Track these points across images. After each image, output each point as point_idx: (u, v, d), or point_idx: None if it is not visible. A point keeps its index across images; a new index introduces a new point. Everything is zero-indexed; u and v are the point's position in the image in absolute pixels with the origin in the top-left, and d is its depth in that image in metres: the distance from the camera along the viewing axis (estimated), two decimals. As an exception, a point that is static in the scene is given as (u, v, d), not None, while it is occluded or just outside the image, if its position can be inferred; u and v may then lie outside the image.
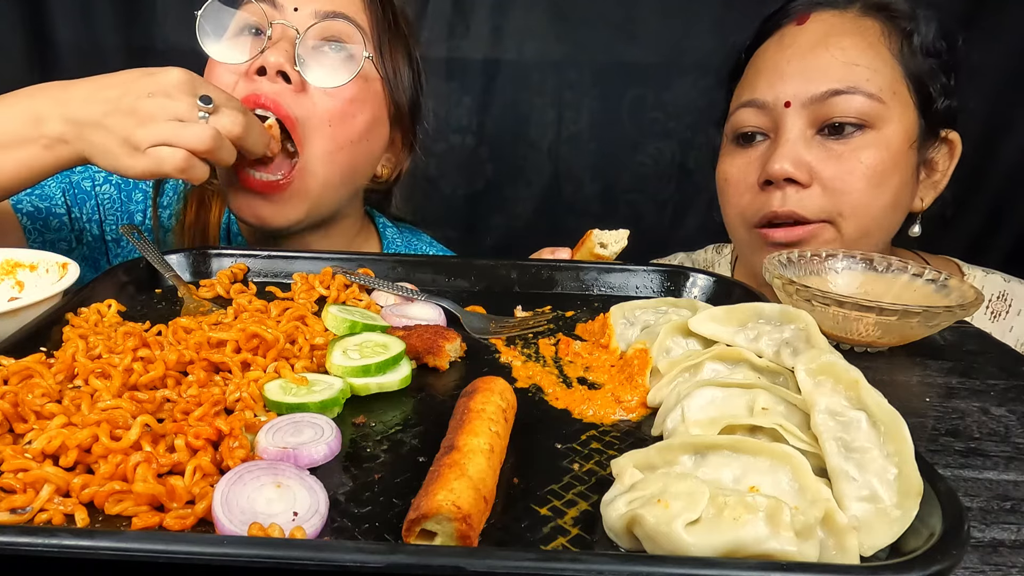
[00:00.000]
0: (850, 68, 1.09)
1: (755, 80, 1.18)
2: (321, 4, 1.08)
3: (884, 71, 1.10)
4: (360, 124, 1.13)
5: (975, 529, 0.56)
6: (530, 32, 1.66)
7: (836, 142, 1.10)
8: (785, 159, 1.10)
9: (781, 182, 1.11)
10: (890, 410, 0.55)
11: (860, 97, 1.08)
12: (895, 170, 1.11)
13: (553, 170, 1.77)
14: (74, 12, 1.62)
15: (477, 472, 0.52)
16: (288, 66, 1.05)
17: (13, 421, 0.60)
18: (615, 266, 1.01)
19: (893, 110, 1.10)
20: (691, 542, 0.46)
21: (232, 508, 0.50)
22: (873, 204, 1.11)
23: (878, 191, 1.11)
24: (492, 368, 0.77)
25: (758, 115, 1.16)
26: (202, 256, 1.02)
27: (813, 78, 1.10)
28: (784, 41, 1.17)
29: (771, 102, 1.14)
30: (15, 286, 0.89)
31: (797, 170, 1.10)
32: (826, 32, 1.13)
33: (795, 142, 1.11)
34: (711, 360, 0.69)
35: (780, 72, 1.14)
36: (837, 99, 1.09)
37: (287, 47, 1.06)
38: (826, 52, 1.11)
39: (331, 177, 1.13)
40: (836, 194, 1.10)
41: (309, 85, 1.08)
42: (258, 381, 0.68)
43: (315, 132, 1.09)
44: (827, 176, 1.10)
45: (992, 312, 1.23)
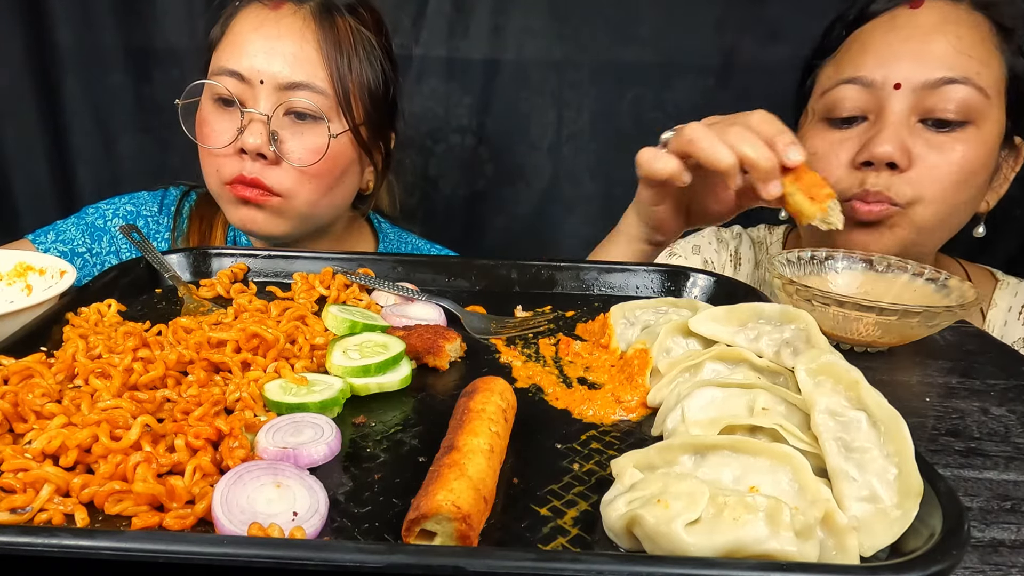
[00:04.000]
0: (964, 58, 1.07)
1: (861, 57, 1.14)
2: (282, 73, 1.16)
3: (992, 67, 1.09)
4: (336, 173, 1.24)
5: (975, 529, 0.56)
6: (530, 32, 1.66)
7: (938, 133, 1.09)
8: (890, 142, 1.08)
9: (881, 165, 1.10)
10: (890, 410, 0.55)
11: (970, 89, 1.07)
12: (983, 169, 1.11)
13: (553, 170, 1.77)
14: (74, 12, 1.62)
15: (477, 472, 0.52)
16: (265, 148, 1.16)
17: (13, 421, 0.60)
18: (615, 266, 1.01)
19: (994, 108, 1.09)
20: (691, 542, 0.46)
21: (232, 508, 0.50)
22: (955, 198, 1.11)
23: (964, 187, 1.10)
24: (492, 368, 0.77)
25: (861, 93, 1.13)
26: (202, 256, 1.02)
27: (927, 62, 1.08)
28: (897, 22, 1.14)
29: (879, 81, 1.11)
30: (24, 289, 0.90)
31: (901, 155, 1.08)
32: (943, 19, 1.10)
33: (900, 126, 1.09)
34: (711, 360, 0.69)
35: (893, 52, 1.11)
36: (948, 88, 1.07)
37: (261, 128, 1.16)
38: (943, 38, 1.08)
39: (315, 212, 1.26)
40: (926, 182, 1.09)
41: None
42: (258, 381, 0.68)
43: (296, 190, 1.20)
44: (922, 163, 1.09)
45: None
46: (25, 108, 1.67)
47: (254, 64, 1.15)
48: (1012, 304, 1.27)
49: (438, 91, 1.70)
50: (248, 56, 1.16)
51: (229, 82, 1.17)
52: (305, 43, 1.17)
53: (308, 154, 1.18)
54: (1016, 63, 1.11)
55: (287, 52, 1.16)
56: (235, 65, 1.16)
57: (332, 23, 1.19)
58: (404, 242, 1.49)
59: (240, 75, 1.16)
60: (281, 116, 1.17)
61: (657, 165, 0.97)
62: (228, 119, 1.18)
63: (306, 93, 1.16)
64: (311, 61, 1.17)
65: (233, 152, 1.18)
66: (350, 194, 1.31)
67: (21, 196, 1.74)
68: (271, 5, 1.19)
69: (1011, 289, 1.28)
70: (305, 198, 1.21)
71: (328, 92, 1.18)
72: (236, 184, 1.19)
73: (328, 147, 1.18)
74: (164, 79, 1.66)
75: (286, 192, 1.20)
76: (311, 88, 1.17)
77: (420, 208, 1.80)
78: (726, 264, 1.45)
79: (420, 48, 1.67)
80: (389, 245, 1.48)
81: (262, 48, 1.16)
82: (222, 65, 1.17)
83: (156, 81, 1.68)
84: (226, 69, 1.17)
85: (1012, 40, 1.11)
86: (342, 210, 1.33)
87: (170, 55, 1.65)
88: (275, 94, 1.16)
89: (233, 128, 1.17)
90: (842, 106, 1.15)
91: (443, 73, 1.69)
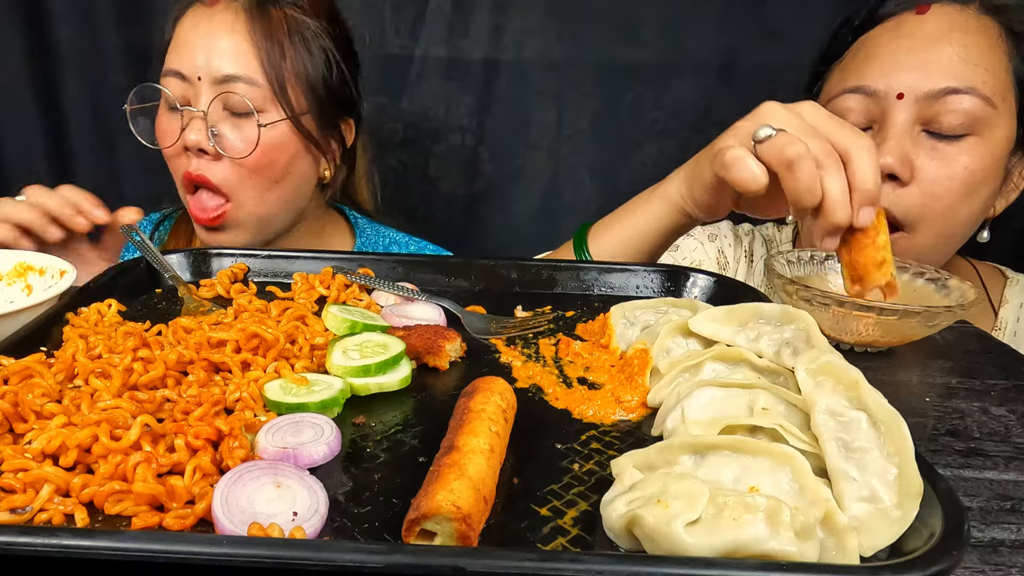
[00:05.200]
0: (969, 67, 1.05)
1: (866, 66, 1.12)
2: (216, 68, 1.18)
3: (999, 74, 1.07)
4: (279, 165, 1.25)
5: (975, 529, 0.56)
6: (530, 32, 1.66)
7: (943, 142, 1.07)
8: (892, 153, 1.06)
9: (883, 176, 1.06)
10: (890, 410, 0.55)
11: (975, 98, 1.05)
12: (991, 179, 1.09)
13: (553, 170, 1.77)
14: (74, 12, 1.62)
15: (477, 472, 0.52)
16: (204, 143, 1.19)
17: (13, 421, 0.60)
18: (615, 266, 1.01)
19: (1002, 116, 1.07)
20: (691, 542, 0.46)
21: (232, 508, 0.50)
22: (961, 211, 1.09)
23: (971, 199, 1.08)
24: (492, 368, 0.77)
25: (865, 103, 1.11)
26: (202, 256, 1.02)
27: (931, 72, 1.06)
28: (903, 29, 1.11)
29: (882, 91, 1.09)
30: (24, 289, 0.90)
31: (902, 167, 1.06)
32: (948, 27, 1.08)
33: (902, 136, 1.07)
34: (711, 360, 0.69)
35: (897, 61, 1.09)
36: (952, 98, 1.05)
37: (200, 125, 1.19)
38: (948, 47, 1.06)
39: (267, 211, 1.27)
40: (931, 197, 1.07)
41: None
42: (258, 381, 0.68)
43: (241, 185, 1.23)
44: (927, 176, 1.07)
45: None
46: (25, 108, 1.67)
47: (191, 61, 1.19)
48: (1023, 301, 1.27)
49: (438, 91, 1.70)
50: (187, 55, 1.19)
51: (173, 83, 1.20)
52: (236, 35, 1.19)
53: (245, 146, 1.20)
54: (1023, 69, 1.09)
55: (220, 47, 1.18)
56: (177, 65, 1.20)
57: (265, 14, 1.21)
58: (382, 236, 1.50)
59: (181, 74, 1.19)
60: (220, 111, 1.19)
61: (744, 175, 0.85)
62: (175, 120, 1.21)
63: (239, 86, 1.18)
64: (243, 52, 1.19)
65: (181, 151, 1.22)
66: (302, 187, 1.31)
67: (21, 196, 1.74)
68: (207, 2, 1.22)
69: (1021, 286, 1.27)
70: (252, 195, 1.24)
71: (261, 83, 1.19)
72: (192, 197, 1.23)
73: (259, 137, 1.19)
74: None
75: (231, 189, 1.22)
76: (243, 80, 1.18)
77: (420, 208, 1.80)
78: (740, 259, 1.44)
79: (420, 48, 1.67)
80: (367, 240, 1.48)
81: (199, 46, 1.19)
82: (167, 67, 1.22)
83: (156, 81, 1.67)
84: (170, 70, 1.21)
85: (1022, 46, 1.09)
86: (300, 204, 1.33)
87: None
88: (211, 89, 1.18)
89: (178, 126, 1.20)
90: (846, 116, 1.12)
91: (443, 73, 1.69)
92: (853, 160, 0.82)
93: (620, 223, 1.10)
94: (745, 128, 0.89)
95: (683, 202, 1.03)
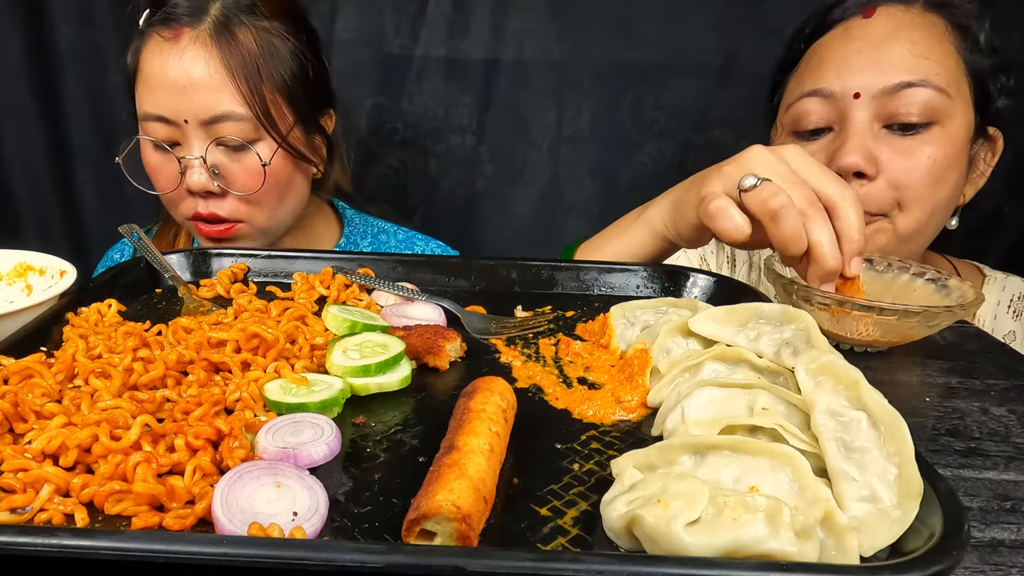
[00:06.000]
0: (920, 61, 1.08)
1: (820, 70, 1.16)
2: (201, 109, 1.16)
3: (950, 66, 1.10)
4: (282, 185, 1.26)
5: (975, 529, 0.56)
6: (530, 32, 1.66)
7: (904, 137, 1.10)
8: (855, 152, 1.08)
9: (849, 175, 1.10)
10: (890, 410, 0.55)
11: (930, 90, 1.07)
12: (956, 165, 1.12)
13: (553, 170, 1.76)
14: (74, 12, 1.62)
15: (477, 472, 0.52)
16: (210, 185, 1.19)
17: (13, 421, 0.60)
18: (615, 266, 1.01)
19: (957, 105, 1.10)
20: (691, 542, 0.46)
21: (232, 508, 0.50)
22: (933, 199, 1.11)
23: (940, 186, 1.11)
24: (492, 368, 0.77)
25: (823, 105, 1.14)
26: (202, 256, 1.02)
27: (884, 70, 1.09)
28: (851, 33, 1.15)
29: (839, 92, 1.12)
30: (24, 289, 0.90)
31: (867, 164, 1.08)
32: (896, 26, 1.12)
33: (863, 135, 1.10)
34: (711, 360, 0.69)
35: (849, 63, 1.12)
36: (907, 92, 1.08)
37: (200, 168, 1.18)
38: (897, 44, 1.10)
39: (275, 223, 1.30)
40: (900, 188, 1.10)
41: None
42: (258, 381, 0.68)
43: (251, 211, 1.24)
44: (893, 170, 1.09)
45: (1015, 311, 1.25)
46: (25, 108, 1.67)
47: (173, 106, 1.16)
48: (1000, 298, 1.28)
49: (438, 91, 1.70)
50: (165, 99, 1.17)
51: (158, 128, 1.19)
52: (211, 70, 1.15)
53: (250, 180, 1.21)
54: (976, 60, 1.12)
55: (200, 85, 1.15)
56: (157, 109, 1.18)
57: (231, 37, 1.17)
58: (370, 225, 1.50)
59: (165, 119, 1.17)
60: (214, 148, 1.19)
61: (728, 225, 0.86)
62: (169, 161, 1.20)
63: (228, 125, 1.17)
64: (224, 87, 1.16)
65: (184, 192, 1.22)
66: (302, 193, 1.33)
67: (21, 196, 1.74)
68: (169, 37, 1.16)
69: (998, 284, 1.29)
70: (263, 216, 1.26)
71: (248, 116, 1.17)
72: (199, 222, 1.23)
73: (265, 169, 1.20)
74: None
75: (244, 216, 1.24)
76: (232, 117, 1.17)
77: (420, 208, 1.80)
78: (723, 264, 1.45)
79: (420, 48, 1.66)
80: (354, 230, 1.48)
81: (175, 88, 1.15)
82: (146, 111, 1.19)
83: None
84: (151, 115, 1.19)
85: (969, 38, 1.12)
86: (301, 207, 1.35)
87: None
88: (201, 130, 1.17)
89: (175, 170, 1.20)
90: (807, 119, 1.16)
91: (443, 73, 1.69)
92: (840, 211, 0.83)
93: (607, 245, 1.14)
94: (730, 174, 0.89)
95: (667, 232, 1.06)
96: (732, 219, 0.86)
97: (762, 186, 0.84)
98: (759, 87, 1.40)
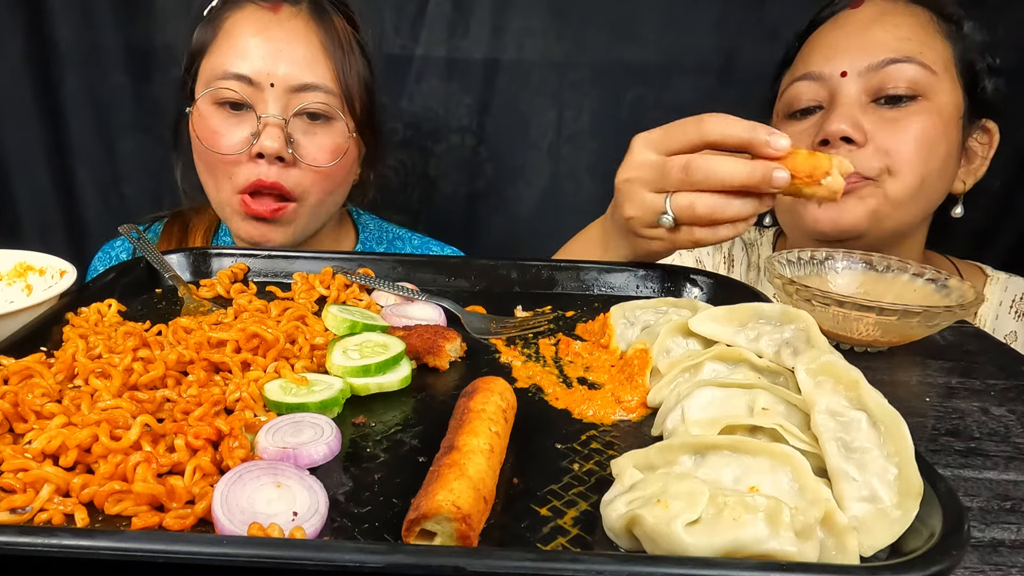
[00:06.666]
0: (904, 42, 1.14)
1: (810, 56, 1.22)
2: (292, 75, 1.16)
3: (935, 47, 1.15)
4: (343, 171, 1.27)
5: (975, 529, 0.56)
6: (530, 32, 1.66)
7: (890, 109, 1.14)
8: (842, 119, 1.13)
9: (837, 141, 1.14)
10: (890, 410, 0.55)
11: (914, 66, 1.12)
12: (944, 138, 1.15)
13: (553, 170, 1.76)
14: (74, 12, 1.62)
15: (477, 472, 0.52)
16: (284, 152, 1.16)
17: (13, 421, 0.60)
18: (615, 266, 1.01)
19: (944, 83, 1.14)
20: (691, 542, 0.46)
21: (232, 508, 0.50)
22: (922, 166, 1.14)
23: (928, 154, 1.14)
24: (492, 368, 0.77)
25: (814, 87, 1.20)
26: (202, 256, 1.02)
27: (869, 49, 1.15)
28: (839, 22, 1.21)
29: (827, 74, 1.17)
30: (24, 289, 0.90)
31: (854, 129, 1.12)
32: (880, 12, 1.18)
33: (851, 106, 1.15)
34: (711, 360, 0.69)
35: (837, 47, 1.18)
36: (892, 68, 1.12)
37: (278, 132, 1.15)
38: (881, 28, 1.16)
39: (323, 210, 1.28)
40: (889, 154, 1.13)
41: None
42: (258, 381, 0.68)
43: (309, 191, 1.22)
44: (881, 137, 1.13)
45: (1017, 312, 1.27)
46: (25, 108, 1.66)
47: (263, 67, 1.15)
48: (1002, 299, 1.29)
49: (438, 91, 1.70)
50: (255, 59, 1.16)
51: (235, 86, 1.16)
52: (311, 44, 1.18)
53: (324, 154, 1.19)
54: (961, 46, 1.16)
55: (296, 54, 1.17)
56: (241, 69, 1.16)
57: (330, 23, 1.21)
58: (384, 231, 1.50)
59: (248, 79, 1.15)
60: (293, 118, 1.17)
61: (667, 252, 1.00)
62: (238, 124, 1.17)
63: (317, 94, 1.17)
64: (319, 62, 1.18)
65: (247, 158, 1.17)
66: (345, 194, 1.34)
67: (21, 196, 1.74)
68: (269, 7, 1.19)
69: (1001, 284, 1.30)
70: (317, 198, 1.23)
71: (336, 92, 1.20)
72: (250, 197, 1.18)
73: (347, 146, 1.21)
74: (164, 79, 1.65)
75: (302, 195, 1.20)
76: (322, 89, 1.18)
77: (420, 208, 1.80)
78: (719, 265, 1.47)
79: (420, 48, 1.66)
80: (370, 236, 1.48)
81: (269, 51, 1.16)
82: (227, 69, 1.16)
83: (156, 81, 1.67)
84: (232, 73, 1.16)
85: (954, 27, 1.16)
86: (337, 209, 1.35)
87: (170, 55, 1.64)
88: (285, 96, 1.16)
89: (245, 133, 1.16)
90: (799, 100, 1.22)
91: (443, 73, 1.69)
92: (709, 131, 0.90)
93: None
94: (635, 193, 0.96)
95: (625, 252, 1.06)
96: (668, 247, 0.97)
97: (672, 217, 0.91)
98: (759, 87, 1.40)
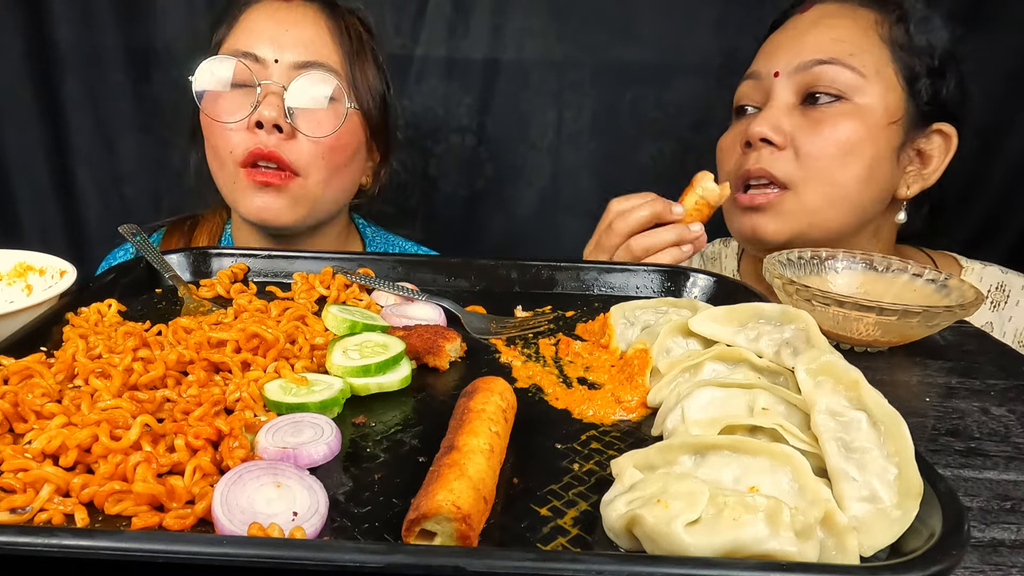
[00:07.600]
0: (836, 43, 1.16)
1: (756, 57, 1.27)
2: (298, 53, 1.20)
3: (871, 51, 1.16)
4: (348, 151, 1.26)
5: (975, 529, 0.56)
6: (530, 32, 1.66)
7: (815, 110, 1.16)
8: (764, 122, 1.17)
9: (758, 143, 1.18)
10: (890, 410, 0.55)
11: (841, 68, 1.14)
12: (869, 143, 1.15)
13: (553, 170, 1.77)
14: (74, 12, 1.62)
15: (477, 472, 0.52)
16: (281, 120, 1.17)
17: (13, 421, 0.60)
18: (615, 266, 1.01)
19: (874, 87, 1.15)
20: (691, 542, 0.46)
21: (232, 508, 0.50)
22: (841, 173, 1.15)
23: (848, 159, 1.15)
24: (492, 368, 0.77)
25: (753, 88, 1.25)
26: (202, 256, 1.02)
27: (801, 51, 1.18)
28: (787, 25, 1.26)
29: (764, 73, 1.22)
30: (24, 289, 0.90)
31: (773, 132, 1.16)
32: (821, 16, 1.21)
33: (778, 108, 1.18)
34: (711, 360, 0.69)
35: (776, 47, 1.23)
36: (818, 68, 1.15)
37: (277, 101, 1.17)
38: (817, 30, 1.19)
39: (326, 194, 1.26)
40: (807, 159, 1.16)
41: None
42: (258, 381, 0.68)
43: (311, 166, 1.21)
44: (801, 141, 1.16)
45: (992, 302, 1.27)
46: (25, 108, 1.66)
47: (269, 46, 1.19)
48: None
49: (438, 91, 1.70)
50: (263, 40, 1.19)
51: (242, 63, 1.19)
52: (319, 29, 1.22)
53: (322, 127, 1.20)
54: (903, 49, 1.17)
55: (302, 36, 1.20)
56: (249, 47, 1.19)
57: (341, 17, 1.25)
58: (390, 243, 1.50)
59: (254, 56, 1.18)
60: (296, 99, 1.19)
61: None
62: (241, 96, 1.19)
63: (320, 71, 1.19)
64: (325, 45, 1.22)
65: (247, 127, 1.18)
66: (354, 183, 1.33)
67: (21, 196, 1.74)
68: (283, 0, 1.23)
69: (975, 274, 1.30)
70: (319, 176, 1.22)
71: (340, 73, 1.22)
72: (252, 166, 1.19)
73: (345, 118, 1.21)
74: (164, 79, 1.66)
75: (303, 168, 1.20)
76: (324, 67, 1.20)
77: (420, 208, 1.80)
78: None
79: (420, 48, 1.67)
80: (375, 248, 1.48)
81: (276, 32, 1.19)
82: (236, 48, 1.20)
83: (156, 81, 1.67)
84: (239, 51, 1.19)
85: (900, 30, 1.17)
86: (346, 199, 1.35)
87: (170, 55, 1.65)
88: (289, 72, 1.19)
89: (247, 104, 1.18)
90: (739, 100, 1.28)
91: (443, 73, 1.69)
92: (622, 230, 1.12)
93: None
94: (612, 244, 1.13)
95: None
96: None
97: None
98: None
